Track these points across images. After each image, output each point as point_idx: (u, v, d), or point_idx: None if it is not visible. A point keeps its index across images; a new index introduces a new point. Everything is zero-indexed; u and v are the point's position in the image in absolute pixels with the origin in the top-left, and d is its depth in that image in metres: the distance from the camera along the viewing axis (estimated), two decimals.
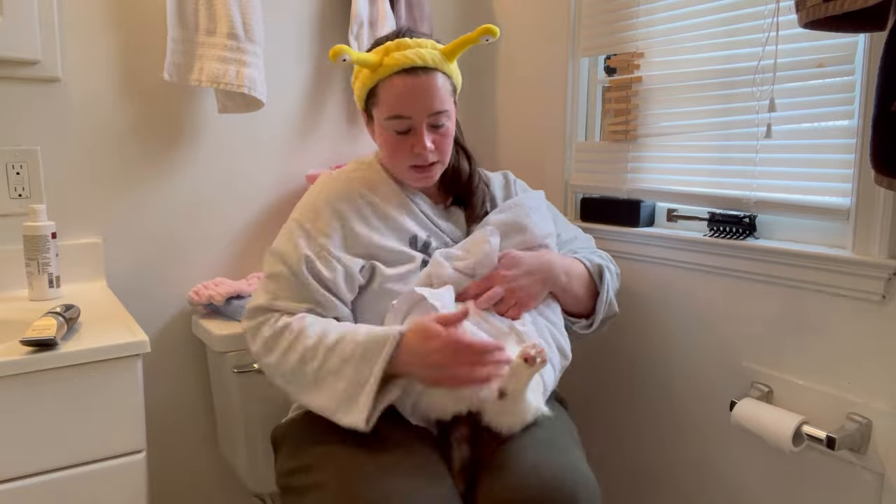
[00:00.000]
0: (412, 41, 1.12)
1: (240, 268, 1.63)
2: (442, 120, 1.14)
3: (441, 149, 1.16)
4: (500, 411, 1.00)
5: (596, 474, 1.01)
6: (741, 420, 1.21)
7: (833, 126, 1.15)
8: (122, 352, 1.03)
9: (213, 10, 1.41)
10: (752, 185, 1.26)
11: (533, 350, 0.95)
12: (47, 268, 1.29)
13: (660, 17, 1.41)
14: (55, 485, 1.00)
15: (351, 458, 0.99)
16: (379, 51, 1.12)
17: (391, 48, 1.11)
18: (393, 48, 1.11)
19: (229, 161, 1.60)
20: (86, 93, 1.43)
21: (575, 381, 1.68)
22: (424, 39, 1.14)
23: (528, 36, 1.75)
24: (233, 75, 1.41)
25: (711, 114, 1.33)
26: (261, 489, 1.49)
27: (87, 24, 1.41)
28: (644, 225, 1.49)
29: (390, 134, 1.15)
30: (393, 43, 1.12)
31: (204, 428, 1.64)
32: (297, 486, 1.05)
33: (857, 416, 1.11)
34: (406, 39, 1.12)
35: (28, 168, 1.38)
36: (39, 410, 0.98)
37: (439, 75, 1.13)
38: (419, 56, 1.10)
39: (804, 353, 1.20)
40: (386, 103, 1.13)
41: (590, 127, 1.65)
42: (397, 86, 1.11)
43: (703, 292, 1.36)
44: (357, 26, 1.61)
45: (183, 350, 1.59)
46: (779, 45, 1.17)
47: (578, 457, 1.01)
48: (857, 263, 1.09)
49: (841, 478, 1.16)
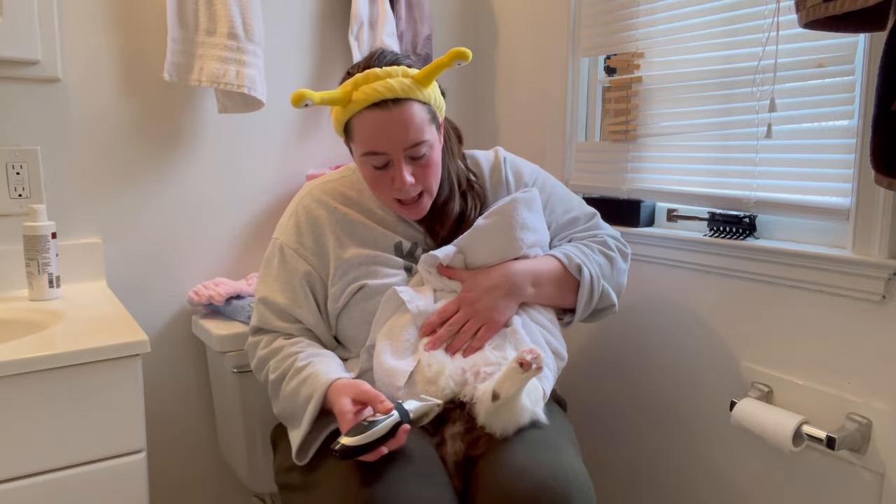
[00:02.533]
0: (381, 71, 1.06)
1: (240, 268, 1.64)
2: (422, 150, 1.09)
3: (425, 180, 1.11)
4: (493, 414, 1.00)
5: (595, 474, 1.01)
6: (741, 420, 1.21)
7: (833, 126, 1.15)
8: (122, 352, 1.02)
9: (213, 10, 1.41)
10: (752, 185, 1.26)
11: (529, 356, 0.94)
12: (47, 268, 1.29)
13: (660, 17, 1.41)
14: (55, 485, 1.00)
15: None
16: (347, 84, 1.07)
17: (359, 81, 1.05)
18: (361, 81, 1.05)
19: (229, 161, 1.60)
20: (86, 93, 1.43)
21: (574, 380, 1.68)
22: (395, 67, 1.07)
23: (528, 36, 1.75)
24: (233, 75, 1.41)
25: (711, 114, 1.33)
26: (261, 489, 1.49)
27: (87, 24, 1.41)
28: (644, 225, 1.49)
29: (369, 169, 1.11)
30: (361, 75, 1.06)
31: (204, 428, 1.64)
32: (295, 483, 1.05)
33: (857, 416, 1.11)
34: (375, 70, 1.06)
35: (28, 168, 1.38)
36: (39, 410, 0.98)
37: (413, 104, 1.07)
38: (388, 88, 1.04)
39: (804, 353, 1.20)
40: (360, 140, 1.08)
41: (590, 127, 1.65)
42: (368, 121, 1.06)
43: (703, 292, 1.36)
44: (357, 26, 1.61)
45: (183, 350, 1.59)
46: (779, 45, 1.17)
47: (573, 457, 1.00)
48: (857, 263, 1.09)
49: (841, 478, 1.16)
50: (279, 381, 1.10)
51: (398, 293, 1.10)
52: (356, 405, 0.97)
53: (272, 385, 1.12)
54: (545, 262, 1.17)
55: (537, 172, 1.29)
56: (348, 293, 1.13)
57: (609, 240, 1.25)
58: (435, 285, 1.14)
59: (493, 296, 1.11)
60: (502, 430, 1.01)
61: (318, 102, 1.04)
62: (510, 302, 1.12)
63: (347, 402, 0.97)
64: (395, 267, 1.16)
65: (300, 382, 1.06)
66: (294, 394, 1.06)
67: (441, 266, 1.14)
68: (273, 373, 1.11)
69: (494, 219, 1.15)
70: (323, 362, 1.08)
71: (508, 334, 1.10)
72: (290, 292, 1.15)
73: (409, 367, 1.05)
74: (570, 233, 1.27)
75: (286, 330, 1.15)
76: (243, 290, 1.51)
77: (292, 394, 1.06)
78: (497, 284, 1.12)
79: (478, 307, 1.10)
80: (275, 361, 1.12)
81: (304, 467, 1.04)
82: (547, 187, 1.27)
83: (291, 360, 1.10)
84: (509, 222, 1.14)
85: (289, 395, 1.07)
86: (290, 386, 1.07)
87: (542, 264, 1.17)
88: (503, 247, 1.15)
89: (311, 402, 1.02)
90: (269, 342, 1.15)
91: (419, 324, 1.10)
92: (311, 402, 1.02)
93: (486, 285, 1.12)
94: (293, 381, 1.07)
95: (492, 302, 1.11)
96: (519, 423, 1.01)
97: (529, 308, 1.15)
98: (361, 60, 1.11)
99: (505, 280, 1.12)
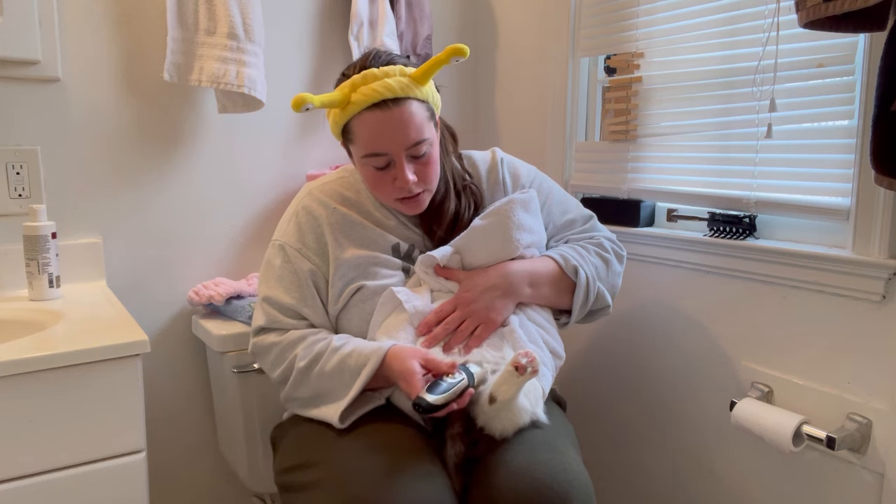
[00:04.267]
0: (379, 71, 1.06)
1: (240, 268, 1.64)
2: (423, 149, 1.09)
3: (426, 177, 1.11)
4: (492, 416, 1.00)
5: (594, 474, 1.01)
6: (741, 420, 1.21)
7: (833, 126, 1.15)
8: (122, 352, 1.02)
9: (213, 10, 1.41)
10: (752, 185, 1.26)
11: (524, 359, 0.94)
12: (47, 268, 1.29)
13: (660, 17, 1.41)
14: (55, 485, 1.00)
15: (348, 456, 0.99)
16: (345, 86, 1.07)
17: (357, 82, 1.05)
18: (359, 82, 1.05)
19: (229, 161, 1.60)
20: (86, 93, 1.43)
21: (574, 381, 1.68)
22: (391, 66, 1.07)
23: (528, 36, 1.75)
24: (233, 75, 1.41)
25: (711, 114, 1.33)
26: (261, 489, 1.49)
27: (87, 24, 1.41)
28: (644, 225, 1.49)
29: (370, 170, 1.11)
30: (359, 76, 1.06)
31: (204, 428, 1.64)
32: (295, 483, 1.05)
33: (857, 416, 1.11)
34: (373, 70, 1.06)
35: (28, 168, 1.38)
36: (39, 410, 0.98)
37: (412, 103, 1.07)
38: (387, 87, 1.04)
39: (804, 353, 1.20)
40: (361, 141, 1.08)
41: (590, 127, 1.65)
42: (369, 122, 1.06)
43: (703, 292, 1.36)
44: (357, 26, 1.61)
45: (183, 350, 1.59)
46: (779, 45, 1.17)
47: (573, 457, 1.00)
48: (857, 263, 1.09)
49: (841, 478, 1.16)
50: (312, 365, 1.09)
51: (395, 293, 1.10)
52: (424, 368, 1.00)
53: (302, 371, 1.09)
54: (542, 262, 1.17)
55: (534, 173, 1.29)
56: (346, 294, 1.13)
57: (605, 242, 1.25)
58: (432, 286, 1.14)
59: (490, 296, 1.11)
60: (502, 432, 1.01)
61: (318, 106, 1.04)
62: (507, 302, 1.12)
63: (416, 364, 1.00)
64: (393, 268, 1.16)
65: (344, 357, 1.06)
66: (338, 369, 1.06)
67: (438, 267, 1.14)
68: (302, 360, 1.09)
69: (491, 219, 1.15)
70: (359, 340, 1.10)
71: (506, 334, 1.10)
72: (296, 291, 1.14)
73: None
74: (567, 234, 1.27)
75: (295, 327, 1.14)
76: (243, 290, 1.51)
77: (336, 369, 1.06)
78: (495, 285, 1.12)
79: (475, 307, 1.10)
80: (302, 349, 1.10)
81: (305, 467, 1.04)
82: (544, 189, 1.27)
83: (325, 343, 1.10)
84: (506, 223, 1.15)
85: (330, 373, 1.07)
86: (332, 363, 1.07)
87: (539, 265, 1.17)
88: (500, 247, 1.15)
89: (366, 367, 1.04)
90: (282, 334, 1.14)
91: (416, 323, 1.10)
92: (366, 367, 1.04)
93: (484, 285, 1.12)
94: (333, 358, 1.07)
95: (489, 302, 1.11)
96: (518, 424, 1.01)
97: (526, 308, 1.15)
98: (356, 61, 1.11)
99: (503, 280, 1.12)
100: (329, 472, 0.98)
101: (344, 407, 1.04)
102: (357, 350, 1.06)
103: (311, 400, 1.11)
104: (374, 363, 1.03)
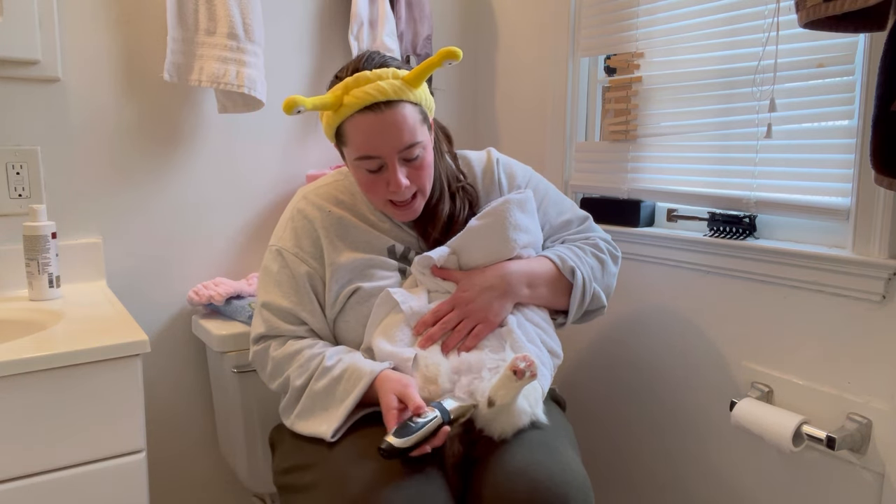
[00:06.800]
0: (371, 73, 1.05)
1: (240, 268, 1.64)
2: (415, 152, 1.08)
3: (419, 181, 1.11)
4: (491, 419, 1.00)
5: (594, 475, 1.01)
6: (741, 420, 1.21)
7: (833, 126, 1.15)
8: (122, 352, 1.02)
9: (213, 10, 1.41)
10: (752, 185, 1.26)
11: (522, 363, 0.94)
12: (47, 268, 1.29)
13: (660, 17, 1.41)
14: (55, 485, 1.00)
15: (347, 457, 0.99)
16: (338, 88, 1.06)
17: (350, 85, 1.05)
18: (352, 84, 1.04)
19: (229, 161, 1.60)
20: (86, 93, 1.43)
21: (574, 381, 1.68)
22: (384, 69, 1.06)
23: (528, 36, 1.75)
24: (233, 75, 1.41)
25: (711, 114, 1.33)
26: (260, 489, 1.49)
27: (87, 24, 1.41)
28: (644, 225, 1.49)
29: (363, 173, 1.10)
30: (351, 78, 1.05)
31: (204, 428, 1.64)
32: (294, 484, 1.05)
33: (857, 416, 1.11)
34: (365, 73, 1.05)
35: (28, 168, 1.38)
36: (39, 410, 0.98)
37: (405, 106, 1.06)
38: (379, 90, 1.03)
39: (804, 353, 1.20)
40: (353, 144, 1.08)
41: (590, 127, 1.65)
42: (361, 125, 1.05)
43: (703, 292, 1.36)
44: (357, 26, 1.61)
45: (183, 350, 1.59)
46: (779, 45, 1.17)
47: (572, 457, 1.00)
48: (857, 263, 1.09)
49: (841, 478, 1.16)
50: (304, 385, 1.09)
51: (392, 294, 1.10)
52: (401, 403, 0.99)
53: (297, 390, 1.10)
54: (539, 263, 1.17)
55: (530, 174, 1.29)
56: (343, 297, 1.13)
57: (601, 242, 1.25)
58: (429, 287, 1.14)
59: (488, 296, 1.11)
60: (501, 433, 1.01)
61: (310, 108, 1.04)
62: (505, 302, 1.12)
63: (394, 399, 0.99)
64: (389, 269, 1.16)
65: (334, 380, 1.06)
66: (328, 389, 1.06)
67: (435, 267, 1.14)
68: (298, 378, 1.10)
69: (487, 220, 1.15)
70: (353, 356, 1.10)
71: (504, 334, 1.10)
72: (294, 295, 1.14)
73: (409, 353, 1.06)
74: (563, 235, 1.27)
75: (294, 333, 1.15)
76: (243, 290, 1.51)
77: (326, 389, 1.07)
78: (492, 285, 1.12)
79: (473, 307, 1.10)
80: (297, 367, 1.11)
81: (304, 468, 1.04)
82: (540, 189, 1.27)
83: (318, 361, 1.09)
84: (502, 223, 1.15)
85: (320, 392, 1.07)
86: (321, 384, 1.07)
87: (536, 266, 1.17)
88: (496, 247, 1.15)
89: (356, 389, 1.03)
90: (281, 345, 1.14)
91: (413, 324, 1.10)
92: (356, 389, 1.03)
93: (482, 285, 1.12)
94: (323, 379, 1.07)
95: (486, 302, 1.11)
96: (517, 426, 1.01)
97: (524, 308, 1.15)
98: (349, 64, 1.10)
99: (500, 280, 1.12)
100: (328, 472, 0.98)
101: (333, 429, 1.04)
102: (349, 371, 1.06)
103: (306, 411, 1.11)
104: (363, 386, 1.03)
